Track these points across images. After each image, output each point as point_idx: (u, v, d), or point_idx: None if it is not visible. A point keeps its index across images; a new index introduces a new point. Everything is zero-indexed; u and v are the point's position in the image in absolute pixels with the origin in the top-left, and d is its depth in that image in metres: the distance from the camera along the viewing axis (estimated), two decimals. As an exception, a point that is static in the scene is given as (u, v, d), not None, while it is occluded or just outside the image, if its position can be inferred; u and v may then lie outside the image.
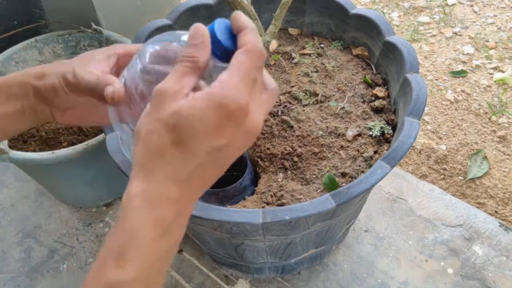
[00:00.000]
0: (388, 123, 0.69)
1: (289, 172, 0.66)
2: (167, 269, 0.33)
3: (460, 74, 1.37)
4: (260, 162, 0.68)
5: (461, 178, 1.11)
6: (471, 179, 1.10)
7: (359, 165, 0.64)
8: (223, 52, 0.34)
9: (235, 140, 0.32)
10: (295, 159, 0.66)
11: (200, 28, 0.33)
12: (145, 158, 0.32)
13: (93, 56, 0.44)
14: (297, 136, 0.68)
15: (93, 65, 0.43)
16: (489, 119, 1.23)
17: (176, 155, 0.31)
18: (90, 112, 0.47)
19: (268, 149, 0.68)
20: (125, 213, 0.31)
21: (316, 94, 0.74)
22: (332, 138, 0.68)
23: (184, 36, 0.37)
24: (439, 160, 1.15)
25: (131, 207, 0.31)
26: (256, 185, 0.66)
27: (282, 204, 0.61)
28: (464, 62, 1.41)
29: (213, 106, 0.30)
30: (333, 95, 0.74)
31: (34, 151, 0.92)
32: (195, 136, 0.31)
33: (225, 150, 0.32)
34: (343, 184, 0.62)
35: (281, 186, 0.64)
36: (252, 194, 0.65)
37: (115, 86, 0.39)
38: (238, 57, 0.32)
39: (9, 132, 0.45)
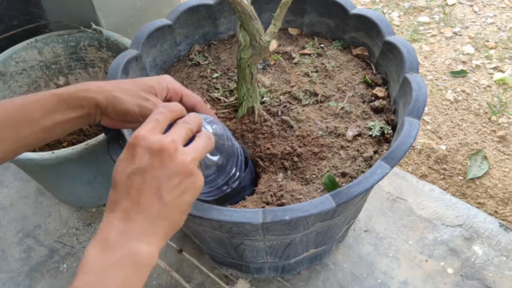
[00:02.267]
0: (388, 123, 0.69)
1: (289, 172, 0.66)
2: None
3: (460, 74, 1.37)
4: (260, 162, 0.68)
5: (461, 178, 1.11)
6: (471, 179, 1.10)
7: (359, 165, 0.64)
8: None
9: (145, 162, 0.40)
10: (295, 159, 0.66)
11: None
12: None
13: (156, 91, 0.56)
14: (297, 136, 0.68)
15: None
16: (489, 119, 1.23)
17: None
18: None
19: (268, 149, 0.68)
20: None
21: (316, 94, 0.74)
22: (332, 138, 0.68)
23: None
24: (439, 160, 1.15)
25: None
26: (256, 185, 0.66)
27: (282, 204, 0.61)
28: (464, 62, 1.41)
29: (126, 147, 0.42)
30: (333, 95, 0.74)
31: (34, 151, 0.92)
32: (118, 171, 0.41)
33: (142, 173, 0.40)
34: (343, 184, 0.62)
35: (281, 186, 0.64)
36: (252, 194, 0.65)
37: None
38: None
39: (63, 134, 0.54)
